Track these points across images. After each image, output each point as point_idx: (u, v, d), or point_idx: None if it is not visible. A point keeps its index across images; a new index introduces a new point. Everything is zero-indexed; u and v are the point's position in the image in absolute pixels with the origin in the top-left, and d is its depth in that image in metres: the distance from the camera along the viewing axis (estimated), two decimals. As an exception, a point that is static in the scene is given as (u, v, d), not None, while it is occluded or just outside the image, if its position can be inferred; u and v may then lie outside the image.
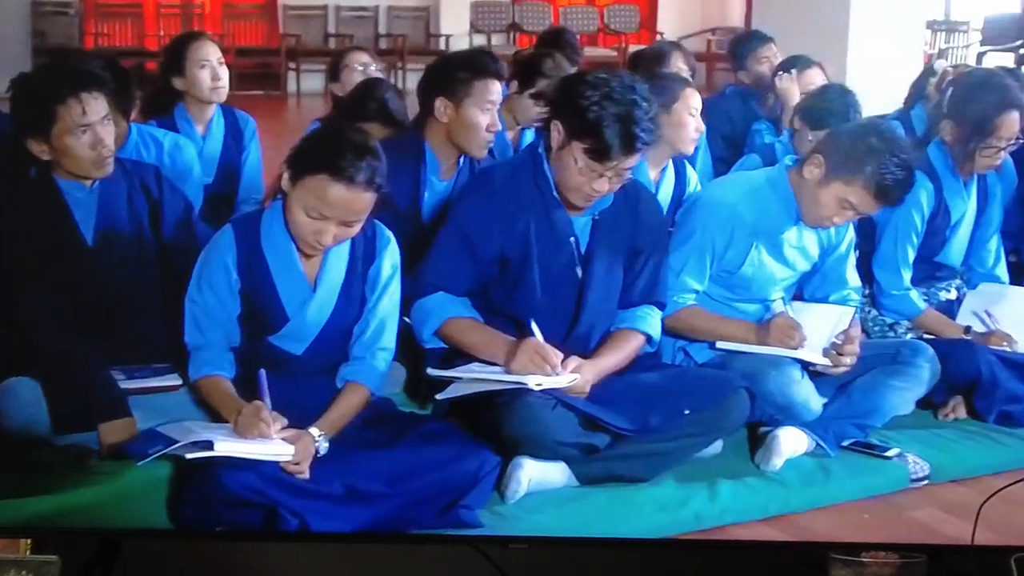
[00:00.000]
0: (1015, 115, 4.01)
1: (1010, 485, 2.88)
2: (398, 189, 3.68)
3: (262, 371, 2.96)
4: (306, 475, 2.90)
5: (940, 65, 6.02)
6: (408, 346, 3.34)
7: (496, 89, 3.76)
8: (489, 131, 3.75)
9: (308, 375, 3.14)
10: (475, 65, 3.79)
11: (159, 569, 3.14)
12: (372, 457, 3.01)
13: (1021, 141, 4.07)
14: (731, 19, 14.30)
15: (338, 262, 3.14)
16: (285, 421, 2.92)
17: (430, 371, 3.26)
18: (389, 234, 3.22)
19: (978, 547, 2.81)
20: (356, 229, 3.04)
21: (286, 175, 3.01)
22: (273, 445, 2.87)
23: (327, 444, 2.97)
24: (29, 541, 2.88)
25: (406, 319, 3.34)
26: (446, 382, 3.23)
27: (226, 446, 2.81)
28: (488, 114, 3.74)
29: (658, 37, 13.43)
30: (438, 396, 3.22)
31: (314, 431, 2.96)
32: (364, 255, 3.17)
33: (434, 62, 3.98)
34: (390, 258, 3.21)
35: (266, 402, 2.92)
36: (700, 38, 14.08)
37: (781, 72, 5.15)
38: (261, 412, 2.90)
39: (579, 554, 3.23)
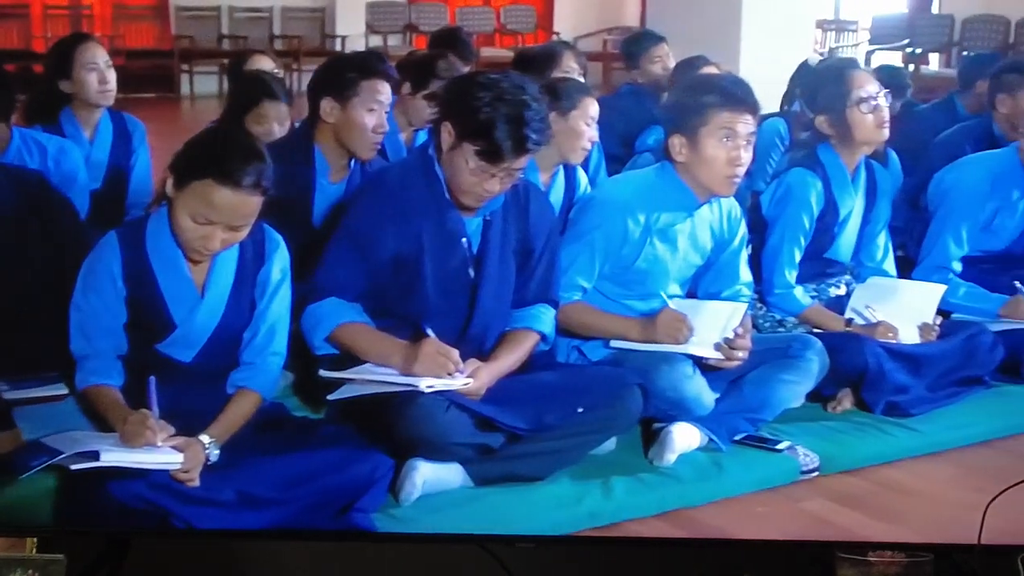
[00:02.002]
0: (859, 72, 4.19)
1: (1015, 485, 2.92)
2: (288, 192, 3.65)
3: (151, 379, 2.92)
4: (196, 483, 2.86)
5: (814, 60, 6.14)
6: (298, 350, 3.31)
7: (383, 90, 3.75)
8: (376, 132, 3.73)
9: (198, 382, 3.09)
10: (361, 66, 3.77)
11: (165, 568, 3.10)
12: (264, 463, 2.97)
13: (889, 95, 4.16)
14: (627, 19, 14.44)
15: (226, 267, 3.10)
16: (172, 429, 2.87)
17: (322, 372, 3.23)
18: (278, 238, 3.19)
19: (984, 546, 2.81)
20: (244, 234, 3.01)
21: (170, 181, 2.96)
22: (161, 454, 2.82)
23: (218, 451, 2.92)
24: (35, 540, 2.85)
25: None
26: (339, 385, 3.21)
27: (113, 456, 2.76)
28: (375, 115, 3.72)
29: (554, 37, 13.50)
30: (329, 397, 3.21)
31: (204, 438, 2.92)
32: (253, 259, 3.13)
33: (321, 64, 3.96)
34: (279, 262, 3.17)
35: (153, 410, 2.88)
36: (596, 38, 14.21)
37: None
38: (147, 420, 2.85)
39: (585, 553, 3.24)
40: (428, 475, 3.11)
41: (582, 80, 4.74)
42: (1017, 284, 4.32)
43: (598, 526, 3.15)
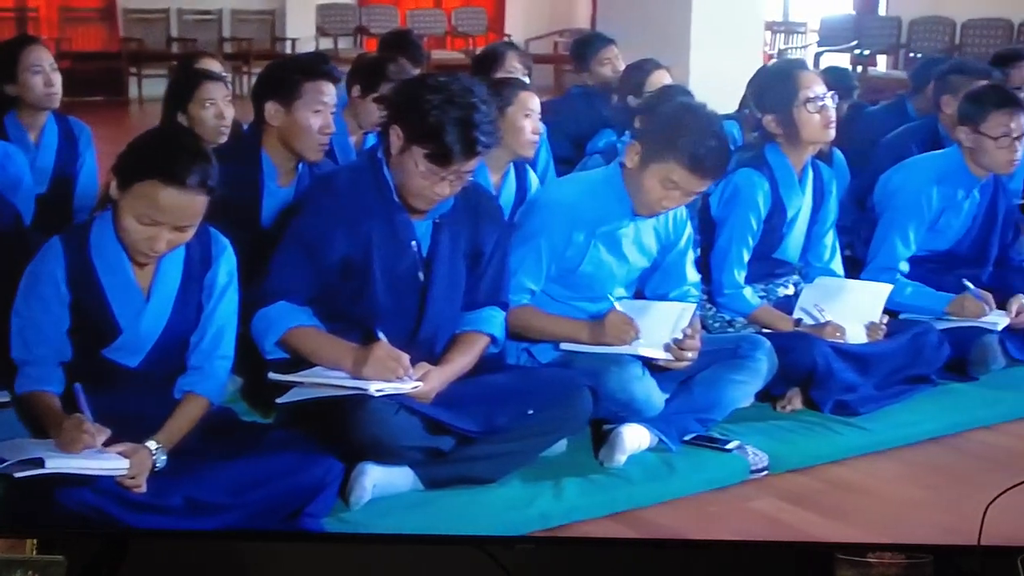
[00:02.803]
0: (807, 72, 4.22)
1: (1015, 486, 2.93)
2: (235, 196, 3.63)
3: (77, 385, 2.89)
4: (143, 489, 2.84)
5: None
6: (247, 354, 3.29)
7: (327, 90, 3.73)
8: (323, 133, 3.72)
9: (144, 387, 3.07)
10: (304, 67, 3.76)
11: (164, 569, 3.10)
12: (213, 468, 2.95)
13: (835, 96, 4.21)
14: (578, 21, 14.46)
15: (172, 270, 3.08)
16: (108, 432, 2.84)
17: (271, 375, 3.21)
18: (225, 241, 3.17)
19: (985, 548, 2.82)
20: (190, 234, 2.99)
21: (114, 183, 2.94)
22: (107, 460, 2.80)
23: (165, 457, 2.91)
24: (35, 541, 2.84)
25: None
26: (288, 389, 3.19)
27: (57, 463, 2.73)
28: (320, 116, 3.70)
29: (505, 39, 13.51)
30: (278, 400, 3.19)
31: (151, 444, 2.90)
32: (200, 263, 3.11)
33: (264, 68, 3.94)
34: (226, 265, 3.15)
35: (86, 415, 2.85)
36: (547, 40, 14.23)
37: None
38: (82, 425, 2.82)
39: (586, 554, 3.24)
40: (378, 478, 3.10)
41: (527, 80, 4.74)
42: (966, 283, 4.37)
43: (549, 528, 3.15)
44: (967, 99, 4.52)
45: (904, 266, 4.49)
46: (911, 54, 12.51)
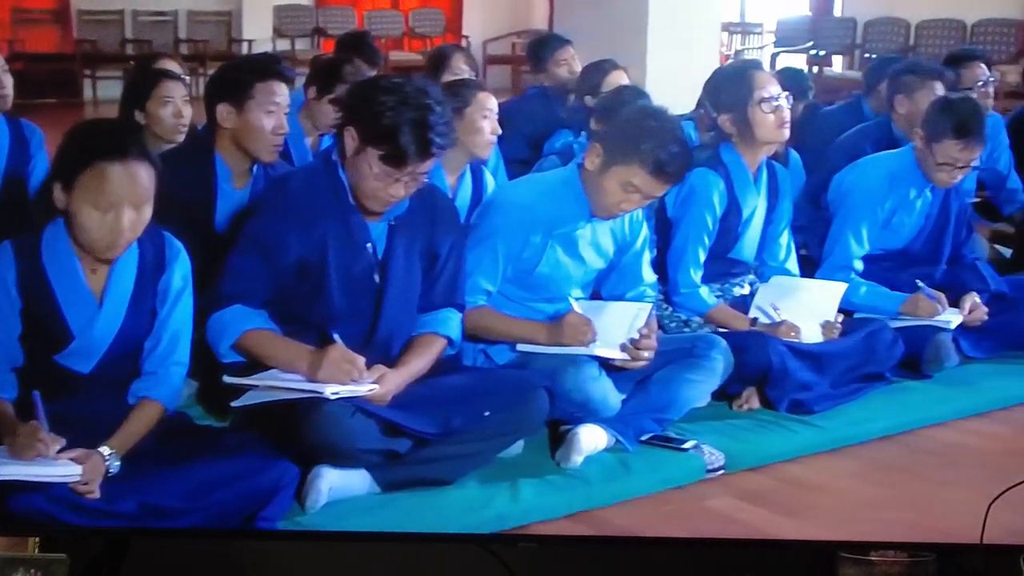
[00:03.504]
0: (762, 72, 4.24)
1: (1016, 485, 2.95)
2: (189, 199, 3.62)
3: (36, 393, 2.85)
4: (96, 494, 2.81)
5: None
6: (202, 359, 3.27)
7: (279, 91, 3.72)
8: (276, 134, 3.71)
9: (98, 393, 3.04)
10: (255, 68, 3.76)
11: (166, 567, 3.10)
12: (168, 473, 2.93)
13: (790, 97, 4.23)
14: (536, 22, 14.47)
15: (126, 275, 3.05)
16: (63, 441, 2.82)
17: (226, 378, 3.20)
18: (179, 246, 3.14)
19: (987, 546, 2.82)
20: (147, 214, 2.94)
21: (57, 191, 2.91)
22: (59, 466, 2.77)
23: (119, 463, 2.88)
24: (37, 540, 2.83)
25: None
26: (244, 393, 3.17)
27: (9, 470, 2.71)
28: (273, 116, 3.69)
29: (463, 41, 13.51)
30: (233, 404, 3.17)
31: (104, 450, 2.87)
32: (153, 268, 3.08)
33: (215, 70, 3.93)
34: (180, 270, 3.13)
35: (42, 422, 2.82)
36: (505, 41, 14.24)
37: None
38: (38, 433, 2.79)
39: (588, 553, 3.24)
40: (334, 482, 3.09)
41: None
42: (920, 283, 4.41)
43: (505, 529, 3.15)
44: (936, 109, 4.49)
45: (859, 265, 4.52)
46: (866, 55, 12.60)
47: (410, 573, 3.19)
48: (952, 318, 4.40)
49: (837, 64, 13.28)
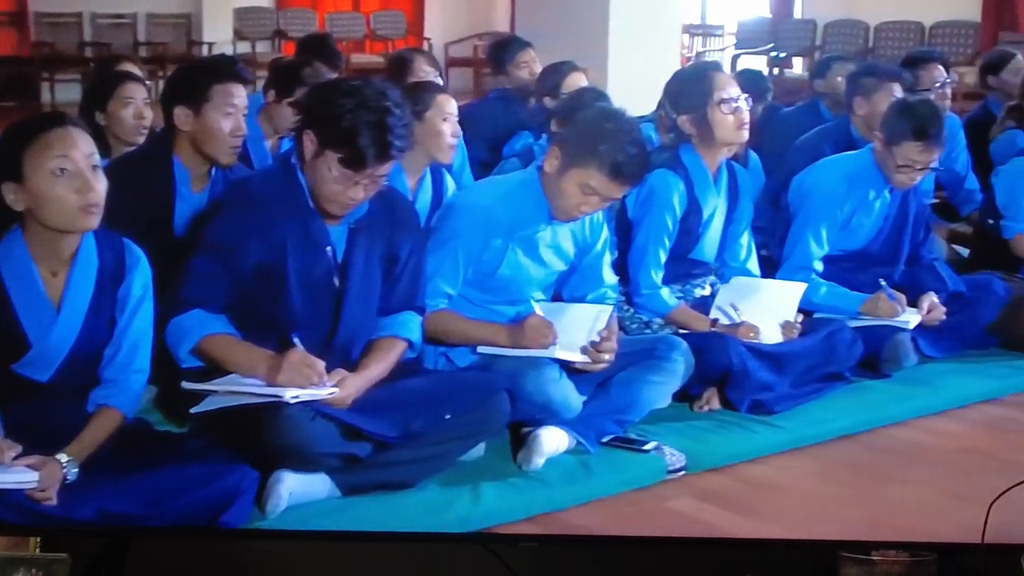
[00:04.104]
0: (721, 74, 4.22)
1: (1017, 485, 2.96)
2: (148, 203, 3.60)
3: None
4: (53, 501, 2.79)
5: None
6: (162, 364, 3.24)
7: (237, 92, 3.70)
8: (234, 136, 3.69)
9: (57, 401, 3.00)
10: (212, 70, 3.74)
11: (167, 567, 3.09)
12: (126, 479, 2.91)
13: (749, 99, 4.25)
14: (498, 24, 14.48)
15: (84, 283, 3.01)
16: (19, 448, 2.79)
17: (185, 384, 3.18)
18: (139, 253, 3.12)
19: (988, 546, 2.83)
20: (103, 187, 2.91)
21: (8, 191, 2.88)
22: (16, 473, 2.75)
23: (76, 469, 2.86)
24: (38, 539, 2.84)
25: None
26: (203, 399, 3.16)
27: (-35, 476, 2.69)
28: (231, 119, 3.67)
29: (425, 43, 13.49)
30: (192, 410, 3.15)
31: (62, 457, 2.85)
32: (112, 275, 3.05)
33: (171, 73, 3.92)
34: (140, 278, 3.10)
35: None
36: (467, 43, 14.23)
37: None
38: None
39: (589, 552, 3.24)
40: (294, 486, 3.08)
41: (441, 83, 4.75)
42: (882, 283, 4.44)
43: (467, 532, 3.15)
44: (895, 112, 4.52)
45: (819, 265, 4.54)
46: (826, 56, 12.68)
47: (411, 573, 3.19)
48: (910, 318, 4.44)
49: (797, 66, 13.35)
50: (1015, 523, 2.91)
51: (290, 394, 3.04)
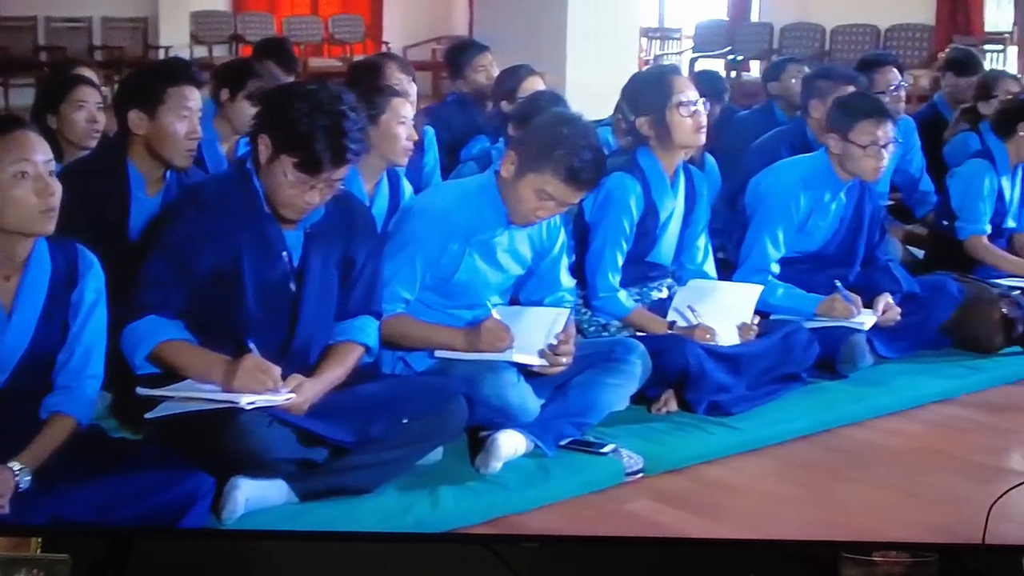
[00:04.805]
0: (681, 77, 4.25)
1: (1017, 486, 2.97)
2: (102, 208, 3.57)
3: None
4: (5, 509, 2.77)
5: (646, 71, 6.25)
6: (116, 370, 3.22)
7: (191, 95, 3.68)
8: (190, 139, 3.67)
9: (8, 407, 2.96)
10: (167, 73, 3.72)
11: (169, 568, 3.08)
12: (81, 487, 2.89)
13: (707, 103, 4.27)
14: (456, 28, 14.48)
15: (36, 288, 2.98)
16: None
17: (140, 390, 3.15)
18: (92, 258, 3.09)
19: (990, 547, 2.84)
20: (60, 192, 2.89)
21: None
22: (-33, 481, 2.73)
23: (29, 477, 2.83)
24: (40, 540, 2.83)
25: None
26: (158, 403, 3.13)
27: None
28: (186, 121, 3.66)
29: (384, 47, 13.48)
30: (147, 415, 3.13)
31: (14, 465, 2.82)
32: (65, 280, 3.02)
33: (125, 76, 3.89)
34: (94, 282, 3.07)
35: None
36: (425, 47, 14.23)
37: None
38: None
39: (590, 553, 3.23)
40: (251, 493, 3.07)
41: (412, 88, 4.73)
42: (838, 284, 4.47)
43: (426, 536, 3.16)
44: (836, 107, 4.62)
45: (775, 267, 4.56)
46: (779, 59, 12.76)
47: (412, 573, 3.18)
48: (866, 319, 4.47)
49: (755, 69, 13.44)
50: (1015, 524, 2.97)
51: (246, 400, 3.03)
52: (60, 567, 2.69)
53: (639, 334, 4.08)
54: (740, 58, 13.38)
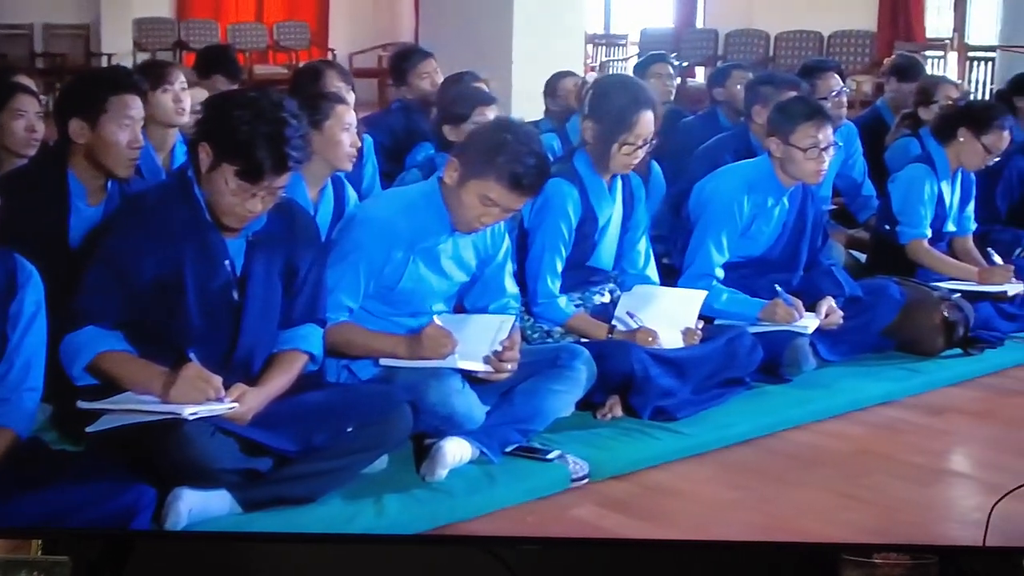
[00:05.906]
0: (649, 115, 4.18)
1: (1015, 489, 2.99)
2: (41, 219, 3.54)
3: None
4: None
5: (591, 77, 6.29)
6: (57, 382, 3.19)
7: (133, 104, 3.66)
8: (131, 148, 3.64)
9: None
10: (108, 81, 3.69)
11: (169, 569, 3.06)
12: (21, 500, 2.85)
13: (654, 143, 4.24)
14: (402, 35, 14.46)
15: (-27, 300, 2.96)
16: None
17: (80, 403, 3.12)
18: (31, 269, 3.06)
19: (989, 549, 2.86)
20: None
21: None
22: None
23: (-32, 490, 2.80)
24: (40, 542, 2.82)
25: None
26: (99, 415, 3.11)
27: None
28: (128, 130, 3.63)
29: (330, 54, 13.44)
30: (88, 429, 3.09)
31: (-47, 478, 2.80)
32: (4, 292, 2.99)
33: (64, 84, 3.86)
34: (33, 294, 3.04)
35: None
36: (371, 54, 14.20)
37: None
38: None
39: (590, 555, 3.22)
40: (194, 503, 3.04)
41: (351, 96, 4.71)
42: (778, 288, 4.50)
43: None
44: (776, 111, 4.66)
45: (720, 272, 4.59)
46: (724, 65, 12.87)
47: (412, 575, 3.16)
48: (809, 323, 4.51)
49: (700, 75, 13.52)
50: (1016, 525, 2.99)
51: (189, 411, 3.01)
52: (60, 568, 2.69)
53: (583, 340, 4.09)
54: (685, 64, 13.44)
